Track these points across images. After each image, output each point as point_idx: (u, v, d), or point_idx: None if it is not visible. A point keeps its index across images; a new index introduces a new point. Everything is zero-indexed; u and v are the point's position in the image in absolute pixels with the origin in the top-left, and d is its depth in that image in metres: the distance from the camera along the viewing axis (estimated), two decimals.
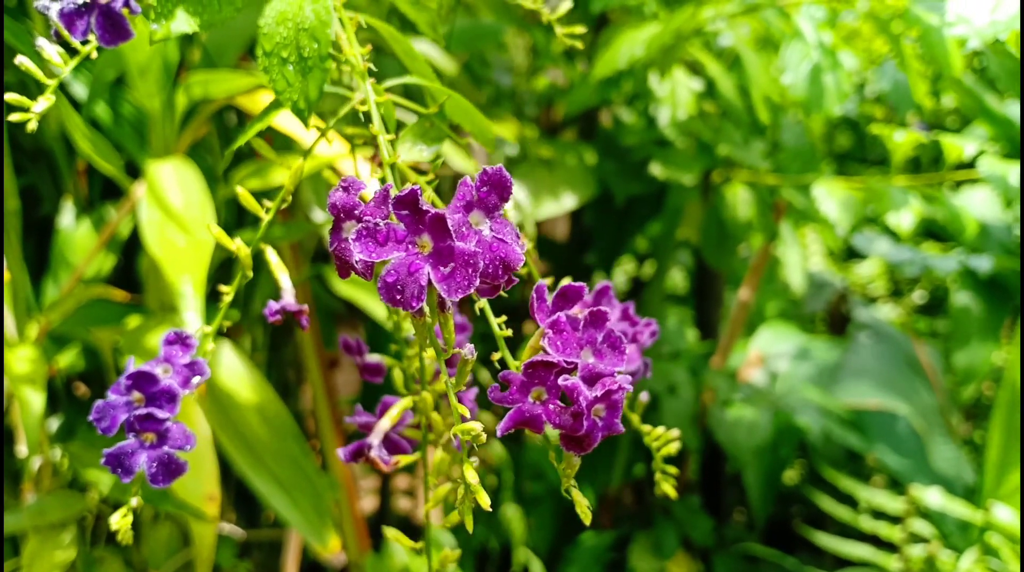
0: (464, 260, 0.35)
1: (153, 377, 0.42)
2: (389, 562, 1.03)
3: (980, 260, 1.26)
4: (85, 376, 1.01)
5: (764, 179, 1.15)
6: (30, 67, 0.43)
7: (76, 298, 0.81)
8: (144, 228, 0.73)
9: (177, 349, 0.44)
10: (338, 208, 0.38)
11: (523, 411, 0.36)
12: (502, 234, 0.37)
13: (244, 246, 0.45)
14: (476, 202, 0.37)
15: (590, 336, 0.37)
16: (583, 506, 0.38)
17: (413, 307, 0.35)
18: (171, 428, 0.42)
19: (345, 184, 0.38)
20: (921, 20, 0.77)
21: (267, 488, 0.84)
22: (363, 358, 0.56)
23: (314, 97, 0.44)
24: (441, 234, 0.35)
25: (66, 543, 0.80)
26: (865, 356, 1.41)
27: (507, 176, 0.37)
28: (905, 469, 1.24)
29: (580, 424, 0.35)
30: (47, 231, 0.98)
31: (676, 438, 0.50)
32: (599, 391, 0.36)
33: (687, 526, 1.25)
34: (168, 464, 0.42)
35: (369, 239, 0.35)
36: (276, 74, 0.44)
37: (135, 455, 0.41)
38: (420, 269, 0.35)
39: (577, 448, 0.37)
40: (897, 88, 1.00)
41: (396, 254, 0.35)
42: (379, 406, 0.50)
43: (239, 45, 0.93)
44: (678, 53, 0.92)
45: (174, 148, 0.86)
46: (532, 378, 0.37)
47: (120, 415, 0.42)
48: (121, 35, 0.43)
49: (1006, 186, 0.91)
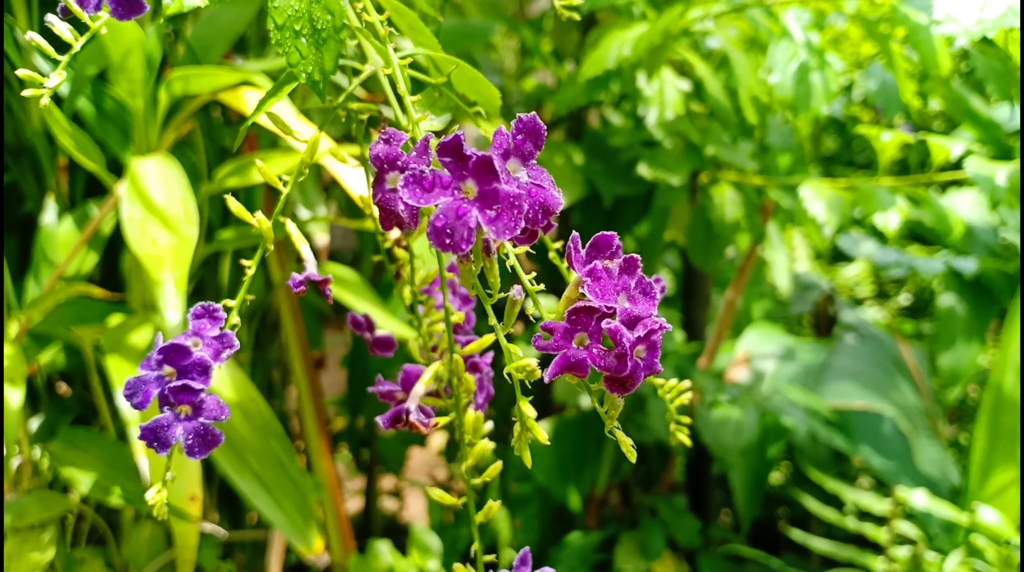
0: (510, 202, 0.36)
1: (186, 350, 0.42)
2: (373, 563, 1.03)
3: (966, 262, 1.27)
4: (66, 375, 1.00)
5: (751, 180, 1.15)
6: (40, 42, 0.42)
7: (57, 296, 0.80)
8: (126, 225, 0.72)
9: (206, 322, 0.43)
10: (381, 159, 0.39)
11: (569, 356, 0.37)
12: (539, 180, 0.38)
13: (264, 219, 0.46)
14: (513, 150, 0.38)
15: (624, 283, 0.38)
16: (627, 445, 0.39)
17: (463, 250, 0.36)
18: (206, 400, 0.41)
19: (386, 136, 0.39)
20: (909, 19, 0.78)
21: (250, 488, 0.83)
22: (373, 333, 0.58)
23: (330, 68, 0.44)
24: (487, 178, 0.36)
25: (45, 543, 0.79)
26: (851, 357, 1.41)
27: (541, 124, 0.38)
28: (890, 470, 1.24)
29: (624, 365, 0.37)
30: (29, 229, 0.97)
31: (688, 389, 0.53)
32: (641, 331, 0.37)
33: (673, 527, 1.25)
34: (205, 435, 0.42)
35: (416, 186, 0.36)
36: (289, 47, 0.44)
37: (171, 428, 0.41)
38: (468, 212, 0.36)
39: (621, 389, 0.38)
40: (884, 88, 1.00)
41: (443, 199, 0.36)
42: (400, 376, 0.51)
43: (224, 42, 0.92)
44: (666, 53, 0.92)
45: (157, 145, 0.85)
46: (575, 324, 0.37)
47: (152, 389, 0.41)
48: (135, 8, 0.42)
49: (993, 186, 0.92)
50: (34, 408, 0.92)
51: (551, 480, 1.23)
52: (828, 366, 1.39)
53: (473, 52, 1.37)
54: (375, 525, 1.49)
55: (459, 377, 0.47)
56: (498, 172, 0.36)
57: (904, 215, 0.98)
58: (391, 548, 1.06)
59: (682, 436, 0.55)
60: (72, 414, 0.93)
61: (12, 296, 0.87)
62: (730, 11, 0.88)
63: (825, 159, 1.83)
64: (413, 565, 1.06)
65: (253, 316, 1.09)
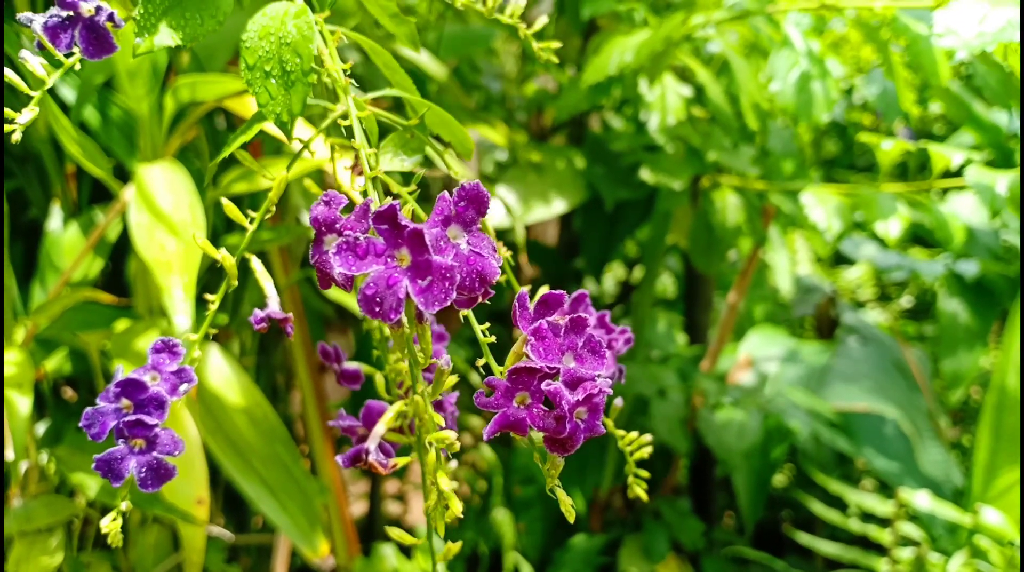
0: (441, 274, 0.36)
1: (141, 384, 0.43)
2: (379, 566, 1.03)
3: (967, 265, 1.27)
4: (72, 380, 1.01)
5: (753, 185, 1.15)
6: (14, 79, 0.43)
7: (64, 302, 0.81)
8: (133, 231, 0.73)
9: (165, 357, 0.44)
10: (320, 222, 0.39)
11: (508, 415, 0.37)
12: (479, 248, 0.38)
13: (229, 256, 0.46)
14: (454, 216, 0.38)
15: (571, 341, 0.38)
16: (567, 505, 0.39)
17: (391, 319, 0.36)
18: (160, 434, 0.42)
19: (327, 199, 0.39)
20: (909, 29, 0.78)
21: (256, 492, 0.84)
22: (340, 365, 0.57)
23: (297, 110, 0.45)
24: (419, 248, 0.36)
25: (53, 548, 0.79)
26: (853, 360, 1.42)
27: (484, 191, 0.38)
28: (894, 472, 1.24)
29: (563, 427, 0.37)
30: (35, 235, 0.98)
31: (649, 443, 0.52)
32: (581, 395, 0.37)
33: (677, 529, 1.25)
34: (157, 469, 0.42)
35: (349, 253, 0.36)
36: (259, 87, 0.44)
37: (124, 460, 0.42)
38: (399, 282, 0.36)
39: (560, 450, 0.38)
40: (885, 96, 1.01)
41: (375, 267, 0.36)
42: (363, 411, 0.51)
43: (228, 49, 0.93)
44: (668, 59, 0.93)
45: (163, 151, 0.86)
46: (516, 383, 0.38)
47: (109, 421, 0.42)
48: (105, 48, 0.43)
49: (993, 195, 0.92)
50: (40, 413, 0.93)
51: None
52: (830, 368, 1.39)
53: (475, 57, 1.38)
54: (379, 528, 1.49)
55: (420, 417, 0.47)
56: (428, 245, 0.36)
57: (905, 222, 0.98)
58: (396, 551, 1.07)
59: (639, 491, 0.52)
60: (78, 419, 0.94)
61: (18, 302, 0.87)
62: (731, 18, 0.89)
63: (826, 162, 1.84)
64: (417, 568, 1.07)
65: None
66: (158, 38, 0.44)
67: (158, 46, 0.44)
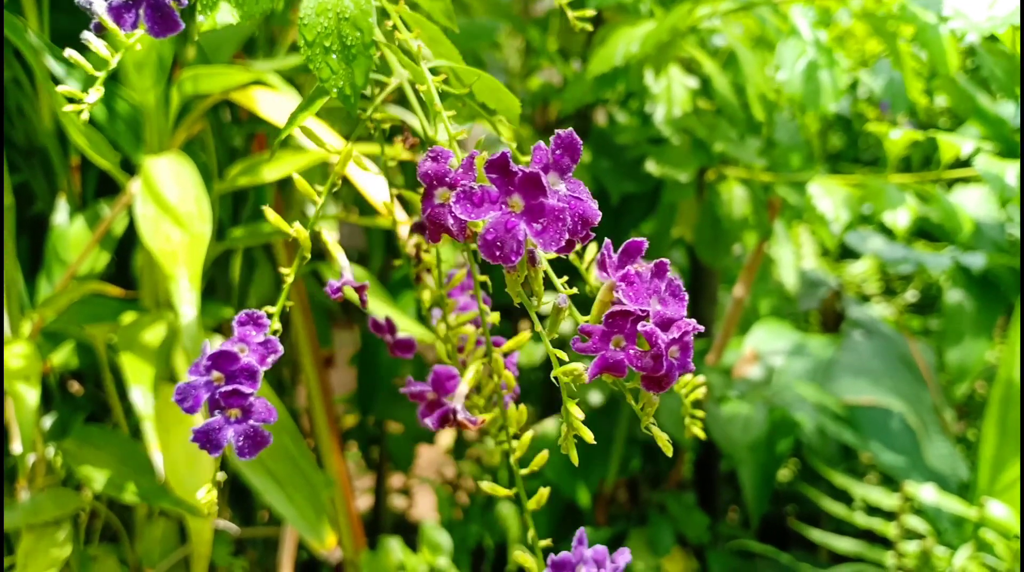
0: (555, 215, 0.38)
1: (233, 356, 0.44)
2: (385, 559, 1.03)
3: (973, 258, 1.27)
4: (79, 374, 1.01)
5: (759, 176, 1.15)
6: (78, 59, 0.44)
7: (71, 294, 0.81)
8: (140, 222, 0.73)
9: (251, 329, 0.45)
10: (430, 176, 0.41)
11: (607, 357, 0.39)
12: (577, 192, 0.40)
13: (302, 229, 0.47)
14: (552, 164, 0.40)
15: (655, 286, 0.40)
16: (663, 440, 0.40)
17: (512, 261, 0.38)
18: (255, 403, 0.43)
19: (434, 154, 0.41)
20: (917, 17, 0.78)
21: (263, 484, 0.84)
22: (394, 335, 0.59)
23: (360, 83, 0.46)
24: (533, 192, 0.38)
25: (61, 541, 0.79)
26: (859, 353, 1.41)
27: (578, 139, 0.40)
28: (900, 466, 1.24)
29: (660, 365, 0.38)
30: (41, 229, 0.98)
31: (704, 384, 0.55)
32: (676, 333, 0.38)
33: (682, 523, 1.25)
34: (254, 437, 0.43)
35: (467, 201, 0.38)
36: (320, 62, 0.46)
37: (222, 430, 0.43)
38: (516, 226, 0.38)
39: (656, 387, 0.39)
40: (891, 86, 1.00)
41: (492, 213, 0.38)
42: (431, 377, 0.53)
43: (233, 42, 0.93)
44: (674, 50, 0.93)
45: (168, 144, 0.86)
46: (612, 327, 0.39)
47: (202, 394, 0.43)
48: (170, 26, 0.44)
49: (1003, 184, 0.92)
50: (47, 407, 0.93)
51: (560, 477, 1.23)
52: (836, 362, 1.39)
53: (479, 51, 1.37)
54: (385, 522, 1.49)
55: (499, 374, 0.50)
56: (545, 187, 0.38)
57: (913, 212, 0.98)
58: (402, 545, 1.07)
59: (696, 429, 0.56)
60: (84, 412, 0.94)
61: (25, 296, 0.87)
62: (738, 8, 0.88)
63: (831, 156, 1.83)
64: (424, 561, 1.07)
65: None
66: (219, 16, 0.45)
67: (220, 23, 0.45)
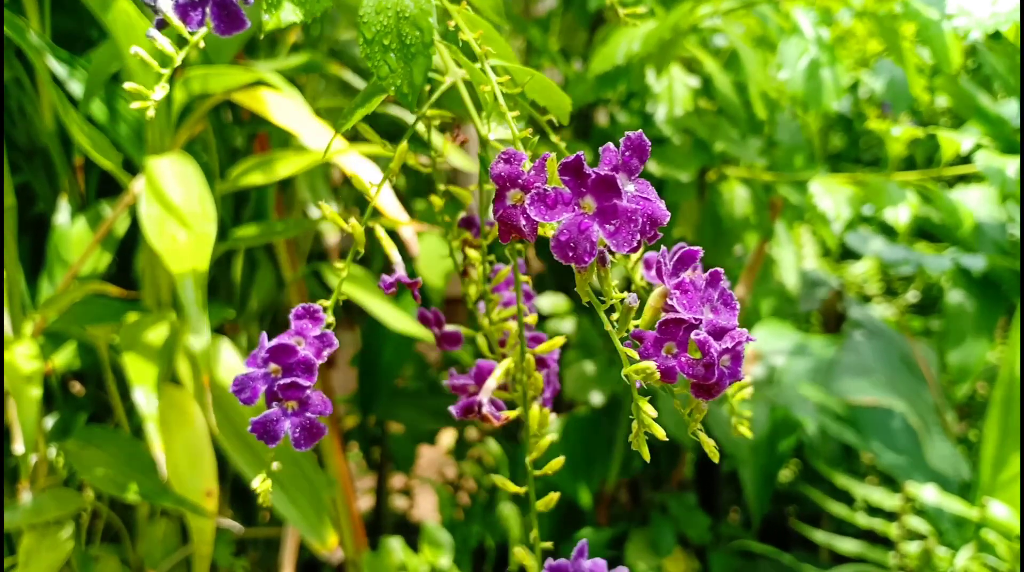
0: (627, 217, 0.38)
1: (291, 349, 0.44)
2: (386, 560, 1.03)
3: (973, 259, 1.27)
4: (80, 374, 1.01)
5: (760, 176, 1.15)
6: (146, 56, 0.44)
7: (73, 294, 0.81)
8: (144, 222, 0.73)
9: (307, 322, 0.46)
10: (504, 178, 0.41)
11: (659, 364, 0.39)
12: (646, 193, 0.40)
13: (357, 224, 0.48)
14: (621, 165, 0.40)
15: (708, 295, 0.40)
16: (710, 446, 0.41)
17: (585, 262, 0.38)
18: (312, 396, 0.44)
19: (506, 156, 0.41)
20: (920, 14, 0.78)
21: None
22: (441, 328, 0.60)
23: (419, 82, 0.46)
24: (606, 194, 0.38)
25: (62, 540, 0.79)
26: (860, 354, 1.41)
27: (646, 141, 0.40)
28: (901, 466, 1.24)
29: (712, 373, 0.38)
30: (42, 229, 0.98)
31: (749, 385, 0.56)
32: (729, 343, 0.39)
33: (683, 524, 1.25)
34: (310, 428, 0.44)
35: (541, 203, 0.39)
36: (378, 60, 0.46)
37: (279, 422, 0.44)
38: (590, 227, 0.38)
39: (706, 395, 0.40)
40: (893, 85, 1.01)
41: (565, 215, 0.39)
42: (474, 370, 0.54)
43: (235, 43, 0.93)
44: (675, 49, 0.93)
45: (171, 145, 0.86)
46: (664, 334, 0.39)
47: (260, 386, 0.44)
48: (236, 24, 0.44)
49: (1004, 179, 0.92)
50: (48, 407, 0.93)
51: (561, 477, 1.23)
52: (837, 362, 1.39)
53: None
54: (386, 523, 1.49)
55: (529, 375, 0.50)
56: (619, 189, 0.38)
57: (914, 209, 0.98)
58: (403, 545, 1.07)
59: (744, 429, 0.56)
60: (86, 413, 0.94)
61: (27, 296, 0.87)
62: (739, 7, 0.88)
63: (832, 156, 1.83)
64: (425, 562, 1.07)
65: (265, 314, 1.10)
66: (283, 14, 0.46)
67: (284, 22, 0.46)
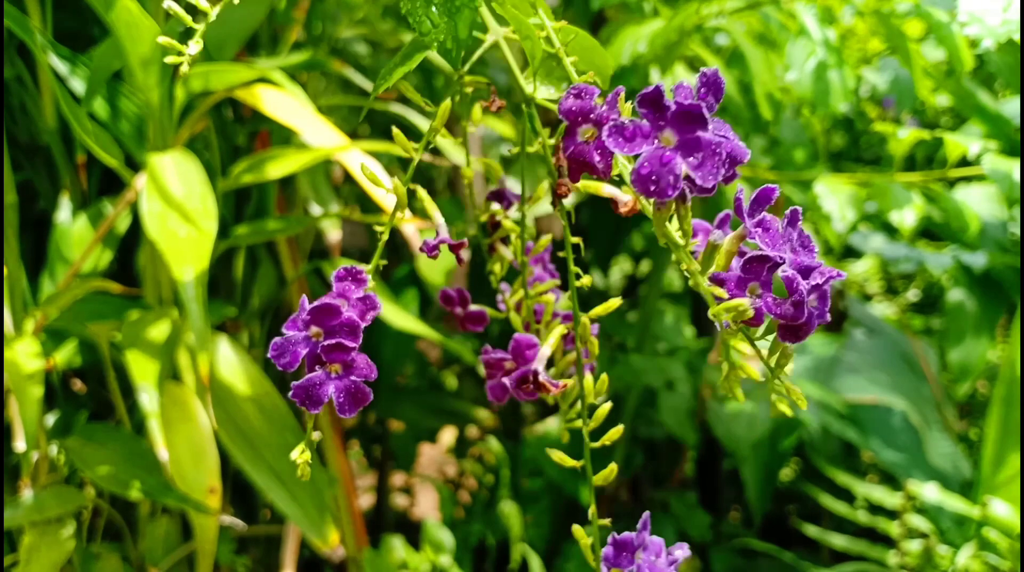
0: (712, 150, 0.36)
1: (335, 310, 0.42)
2: (387, 558, 1.03)
3: (975, 257, 1.27)
4: (81, 372, 1.01)
5: (763, 175, 1.15)
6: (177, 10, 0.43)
7: (74, 292, 0.80)
8: (146, 219, 0.72)
9: (350, 284, 0.43)
10: (575, 112, 0.40)
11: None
12: (724, 131, 0.38)
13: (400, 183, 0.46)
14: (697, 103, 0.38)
15: (788, 234, 0.39)
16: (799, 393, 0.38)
17: (669, 195, 0.36)
18: (357, 358, 0.42)
19: (576, 91, 0.40)
20: (931, 15, 0.78)
21: (265, 481, 0.84)
22: (465, 308, 0.58)
23: (463, 36, 0.44)
24: (689, 127, 0.37)
25: (64, 538, 0.79)
26: (861, 352, 1.41)
27: (722, 78, 0.39)
28: (902, 464, 1.24)
29: (801, 312, 0.36)
30: (44, 226, 0.98)
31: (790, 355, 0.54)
32: (818, 279, 0.37)
33: (684, 522, 1.25)
34: (355, 393, 0.42)
35: (618, 135, 0.37)
36: (420, 16, 0.44)
37: (323, 386, 0.42)
38: (672, 159, 0.37)
39: (793, 337, 0.38)
40: (897, 83, 1.00)
41: (645, 148, 0.37)
42: (512, 345, 0.51)
43: (236, 40, 0.93)
44: (680, 49, 0.93)
45: (173, 142, 0.86)
46: (748, 273, 0.38)
47: (300, 350, 0.42)
48: None
49: (1010, 182, 0.92)
50: (50, 404, 0.93)
51: (562, 475, 1.23)
52: (838, 361, 1.39)
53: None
54: (386, 521, 1.49)
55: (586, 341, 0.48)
56: (705, 119, 0.36)
57: (920, 211, 0.98)
58: (404, 543, 1.07)
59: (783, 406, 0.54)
60: (87, 410, 0.94)
61: (28, 294, 0.87)
62: (744, 7, 0.88)
63: (834, 155, 1.83)
64: (426, 559, 1.07)
65: (266, 312, 1.10)
66: None
67: None
